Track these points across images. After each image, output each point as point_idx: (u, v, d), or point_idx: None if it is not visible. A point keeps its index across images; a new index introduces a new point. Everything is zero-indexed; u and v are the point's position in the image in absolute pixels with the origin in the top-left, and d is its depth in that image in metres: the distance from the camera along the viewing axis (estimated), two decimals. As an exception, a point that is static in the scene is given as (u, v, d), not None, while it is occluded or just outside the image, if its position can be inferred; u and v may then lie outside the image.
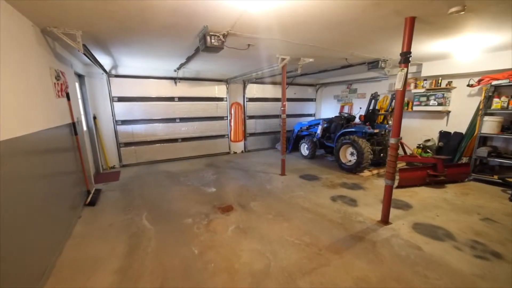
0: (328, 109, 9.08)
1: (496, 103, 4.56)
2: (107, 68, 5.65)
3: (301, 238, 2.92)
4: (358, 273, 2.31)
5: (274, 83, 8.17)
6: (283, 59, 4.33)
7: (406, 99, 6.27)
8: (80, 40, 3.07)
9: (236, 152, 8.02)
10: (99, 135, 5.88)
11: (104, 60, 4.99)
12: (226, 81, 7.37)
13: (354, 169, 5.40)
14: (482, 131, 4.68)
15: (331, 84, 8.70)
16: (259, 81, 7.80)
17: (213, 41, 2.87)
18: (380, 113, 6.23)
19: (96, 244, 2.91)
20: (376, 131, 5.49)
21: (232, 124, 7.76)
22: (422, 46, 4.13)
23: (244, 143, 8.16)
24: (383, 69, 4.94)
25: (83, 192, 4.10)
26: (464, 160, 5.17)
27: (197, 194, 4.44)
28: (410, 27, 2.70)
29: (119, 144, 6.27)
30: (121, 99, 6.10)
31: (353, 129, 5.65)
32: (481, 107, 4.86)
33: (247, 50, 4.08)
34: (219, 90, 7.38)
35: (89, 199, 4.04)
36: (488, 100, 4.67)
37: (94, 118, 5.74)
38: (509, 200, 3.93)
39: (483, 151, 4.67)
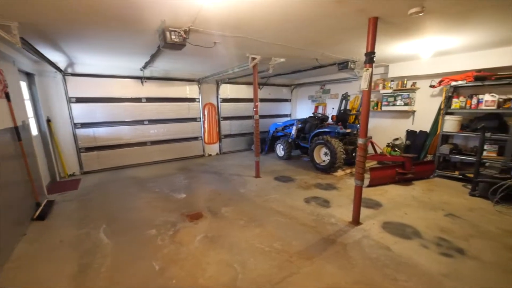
0: (303, 110, 9.14)
1: (455, 103, 4.83)
2: (62, 66, 5.11)
3: (272, 245, 2.79)
4: (329, 280, 2.22)
5: (248, 83, 8.03)
6: (253, 59, 4.20)
7: (375, 100, 6.46)
8: (17, 33, 2.68)
9: (210, 155, 7.75)
10: (54, 139, 5.30)
11: (55, 57, 4.49)
12: (198, 81, 7.09)
13: (328, 169, 5.42)
14: (444, 130, 4.92)
15: (305, 84, 8.77)
16: (232, 81, 7.61)
17: (173, 37, 2.64)
18: (351, 113, 6.35)
19: (40, 266, 2.53)
20: (348, 131, 5.57)
21: (206, 125, 7.48)
22: (388, 48, 4.22)
23: (219, 145, 7.92)
24: (353, 70, 5.01)
25: (31, 205, 3.62)
26: (429, 157, 5.42)
27: (165, 201, 4.14)
28: (374, 27, 2.69)
29: (79, 149, 5.73)
30: (80, 100, 5.57)
31: (326, 129, 5.68)
32: (442, 106, 5.12)
33: (216, 49, 3.89)
34: (190, 90, 7.07)
35: (37, 213, 3.58)
36: (448, 100, 4.92)
37: (48, 121, 5.17)
38: (469, 195, 4.14)
39: (445, 149, 4.91)
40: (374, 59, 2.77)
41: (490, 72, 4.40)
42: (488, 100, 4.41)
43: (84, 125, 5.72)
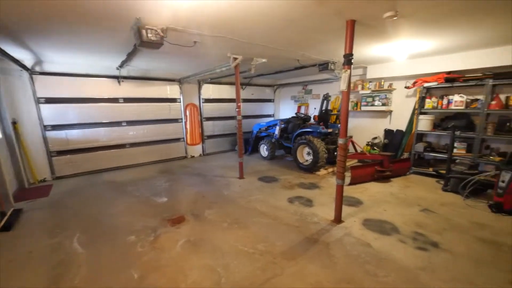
0: (286, 110, 9.22)
1: (428, 103, 5.09)
2: (28, 64, 4.75)
3: (256, 247, 2.77)
4: (312, 280, 2.24)
5: (231, 83, 7.96)
6: (235, 59, 4.15)
7: (355, 100, 6.66)
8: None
9: (193, 156, 7.59)
10: (21, 143, 4.92)
11: (20, 54, 4.17)
12: (179, 81, 6.91)
13: (311, 168, 5.50)
14: (418, 129, 5.17)
15: (288, 85, 8.85)
16: (215, 81, 7.51)
17: (150, 35, 2.54)
18: (332, 113, 6.50)
19: (6, 280, 2.32)
20: (330, 130, 5.68)
21: (188, 126, 7.32)
22: (365, 50, 4.36)
23: (202, 146, 7.78)
24: (333, 71, 5.12)
25: (-6, 215, 3.33)
26: (405, 155, 5.67)
27: (146, 206, 3.99)
28: (351, 30, 2.76)
29: (50, 153, 5.37)
30: (51, 100, 5.22)
31: (309, 129, 5.76)
32: (416, 107, 5.38)
33: (196, 48, 3.81)
34: (171, 91, 6.88)
35: (2, 223, 3.30)
36: (422, 100, 5.18)
37: (14, 123, 4.79)
38: (442, 190, 4.38)
39: (420, 147, 5.17)
40: (352, 61, 2.83)
41: (459, 74, 4.68)
42: (457, 101, 4.69)
43: (56, 127, 5.37)
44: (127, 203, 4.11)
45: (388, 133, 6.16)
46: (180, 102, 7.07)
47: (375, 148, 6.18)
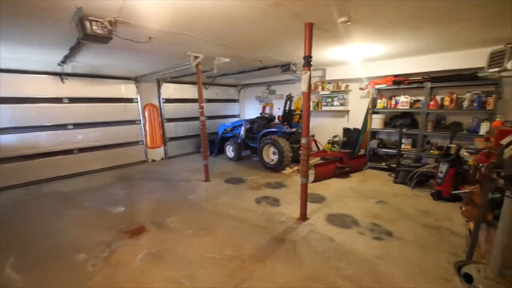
0: (251, 110, 9.24)
1: (380, 103, 5.56)
2: None
3: (223, 252, 2.68)
4: (281, 280, 2.24)
5: (193, 82, 7.66)
6: (196, 57, 3.98)
7: (316, 100, 6.97)
8: None
9: (155, 160, 7.12)
10: None
11: None
12: (135, 80, 6.41)
13: (277, 167, 5.58)
14: (372, 127, 5.62)
15: (252, 85, 8.87)
16: (176, 80, 7.14)
17: (95, 28, 2.26)
18: (296, 113, 6.69)
19: None
20: (293, 130, 5.83)
21: (148, 128, 6.83)
22: (324, 52, 4.57)
23: (164, 149, 7.34)
24: (295, 72, 5.27)
25: None
26: (362, 151, 6.11)
27: (99, 218, 3.59)
28: (309, 33, 2.85)
29: (-26, 163, 4.50)
30: (-28, 100, 4.38)
31: (273, 129, 5.83)
32: (369, 107, 5.83)
33: (153, 45, 3.55)
34: (126, 90, 6.34)
35: None
36: (374, 101, 5.63)
37: None
38: (393, 183, 4.82)
39: (374, 144, 5.62)
40: (312, 63, 2.92)
41: (404, 77, 5.20)
42: (403, 101, 5.21)
43: (-19, 132, 4.53)
44: (75, 217, 3.65)
45: (346, 131, 6.57)
46: (137, 102, 6.56)
47: (335, 146, 6.54)
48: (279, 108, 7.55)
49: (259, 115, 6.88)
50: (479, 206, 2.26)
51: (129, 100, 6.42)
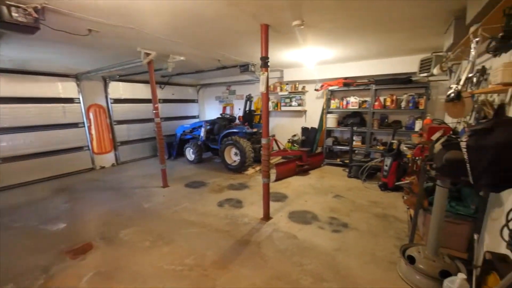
0: (211, 110, 9.01)
1: (333, 103, 5.95)
2: None
3: (184, 262, 2.52)
4: (245, 284, 2.20)
5: (147, 81, 7.11)
6: (147, 54, 3.68)
7: (276, 100, 7.13)
8: None
9: (104, 167, 6.41)
10: None
11: None
12: (76, 77, 5.67)
13: (240, 168, 5.54)
14: (327, 126, 5.98)
15: (212, 85, 8.66)
16: (126, 78, 6.52)
17: (15, 15, 1.88)
18: (256, 113, 6.74)
19: None
20: (254, 130, 5.86)
21: (94, 132, 6.11)
22: (281, 54, 4.69)
23: (115, 154, 6.67)
24: (254, 72, 5.30)
25: None
26: (319, 149, 6.46)
27: (32, 239, 3.07)
28: (266, 34, 2.88)
29: None
30: None
31: (235, 130, 5.77)
32: (324, 107, 6.20)
33: (96, 38, 3.16)
34: (65, 89, 5.56)
35: None
36: (328, 101, 6.01)
37: None
38: (347, 177, 5.21)
39: (329, 141, 5.99)
40: (269, 64, 2.95)
41: (353, 80, 5.65)
42: (353, 102, 5.67)
43: None
44: (1, 240, 3.04)
45: (304, 130, 6.87)
46: (79, 102, 5.81)
47: (295, 144, 6.79)
48: (239, 109, 7.51)
49: (219, 116, 6.74)
50: (417, 195, 2.56)
51: (69, 100, 5.65)
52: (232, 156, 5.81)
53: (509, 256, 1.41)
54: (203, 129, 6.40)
